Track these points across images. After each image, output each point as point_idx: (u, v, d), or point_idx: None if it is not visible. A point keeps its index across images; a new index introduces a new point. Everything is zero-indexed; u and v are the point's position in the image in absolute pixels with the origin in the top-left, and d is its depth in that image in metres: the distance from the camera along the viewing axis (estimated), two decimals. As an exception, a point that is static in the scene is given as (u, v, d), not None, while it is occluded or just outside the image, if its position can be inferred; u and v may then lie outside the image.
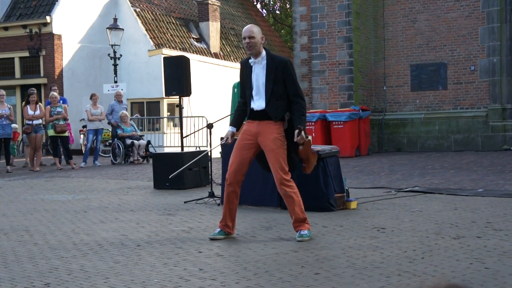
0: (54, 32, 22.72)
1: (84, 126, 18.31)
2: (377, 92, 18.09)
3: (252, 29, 5.74)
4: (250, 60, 5.80)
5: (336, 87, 17.54)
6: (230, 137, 5.87)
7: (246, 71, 5.82)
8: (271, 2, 41.00)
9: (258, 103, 5.71)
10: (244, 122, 5.95)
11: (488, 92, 16.47)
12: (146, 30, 23.87)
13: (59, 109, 15.11)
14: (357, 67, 17.43)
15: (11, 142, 15.51)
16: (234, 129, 5.87)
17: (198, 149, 13.84)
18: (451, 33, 17.05)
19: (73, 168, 14.91)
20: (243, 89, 5.87)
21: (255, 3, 37.35)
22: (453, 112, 16.96)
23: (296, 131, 5.52)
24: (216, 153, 13.50)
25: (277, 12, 41.28)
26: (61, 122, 15.03)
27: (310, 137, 8.69)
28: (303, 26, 18.82)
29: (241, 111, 5.89)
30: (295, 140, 5.55)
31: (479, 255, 4.86)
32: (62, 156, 15.83)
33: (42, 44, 22.90)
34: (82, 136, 20.07)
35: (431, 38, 17.32)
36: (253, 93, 5.73)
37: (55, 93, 15.54)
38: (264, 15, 37.77)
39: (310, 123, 16.06)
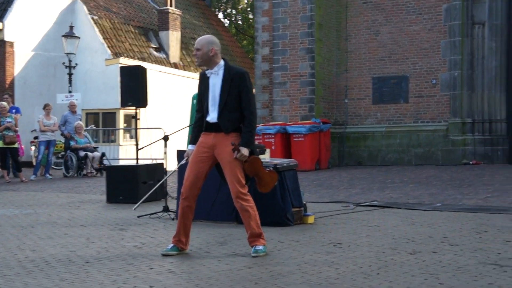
0: (6, 39, 22.38)
1: (36, 137, 18.04)
2: (339, 105, 18.28)
3: (200, 41, 5.77)
4: (207, 71, 5.82)
5: (297, 99, 17.65)
6: (190, 156, 5.84)
7: (204, 83, 5.83)
8: (233, 12, 41.16)
9: (212, 115, 5.72)
10: None
11: (448, 106, 16.79)
12: (104, 38, 23.70)
13: (8, 119, 14.84)
14: (319, 79, 17.59)
15: None
16: (194, 147, 5.85)
17: (153, 161, 13.75)
18: (413, 46, 17.35)
19: (22, 181, 14.66)
20: (200, 102, 5.87)
21: (216, 13, 37.45)
22: (414, 125, 17.23)
23: (232, 148, 5.55)
24: (173, 166, 13.44)
25: (239, 22, 41.45)
26: (11, 133, 14.76)
27: (268, 150, 8.75)
28: (265, 37, 18.93)
29: (198, 127, 5.87)
30: (234, 157, 5.57)
31: (434, 270, 4.93)
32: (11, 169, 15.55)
33: (-7, 51, 22.54)
34: (33, 147, 19.77)
35: (394, 51, 17.60)
36: (209, 104, 5.73)
37: (4, 103, 15.28)
38: (226, 25, 37.88)
39: (270, 136, 16.15)
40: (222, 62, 5.77)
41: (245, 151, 5.61)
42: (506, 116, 16.58)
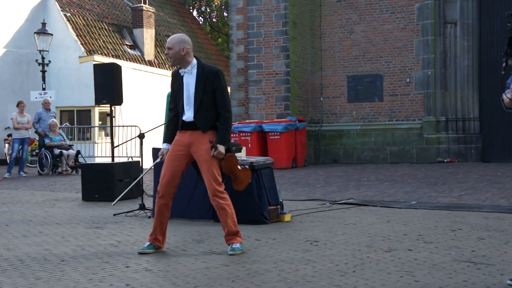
0: (-23, 35, 22.08)
1: (10, 135, 17.81)
2: (314, 103, 18.34)
3: (171, 40, 5.76)
4: (180, 70, 5.80)
5: (272, 97, 17.67)
6: (165, 154, 5.83)
7: (177, 82, 5.82)
8: (208, 10, 41.06)
9: (188, 113, 5.71)
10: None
11: (422, 105, 16.94)
12: (77, 35, 23.49)
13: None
14: (293, 77, 17.63)
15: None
16: (169, 146, 5.84)
17: (130, 159, 13.66)
18: (387, 45, 17.47)
19: None
20: (173, 101, 5.85)
21: (191, 11, 37.33)
22: (389, 124, 17.36)
23: (209, 146, 5.56)
24: (149, 164, 13.37)
25: (214, 20, 41.37)
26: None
27: (244, 148, 8.75)
28: (240, 35, 18.92)
29: (172, 126, 5.86)
30: (211, 155, 5.58)
31: (410, 268, 4.98)
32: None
33: (-36, 48, 22.21)
34: (7, 145, 19.53)
35: (368, 49, 17.70)
36: (184, 103, 5.72)
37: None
38: (201, 23, 37.77)
39: (246, 134, 16.15)
40: (195, 61, 5.76)
41: (221, 148, 5.62)
42: (478, 114, 16.77)
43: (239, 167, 5.91)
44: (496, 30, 16.22)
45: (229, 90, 19.66)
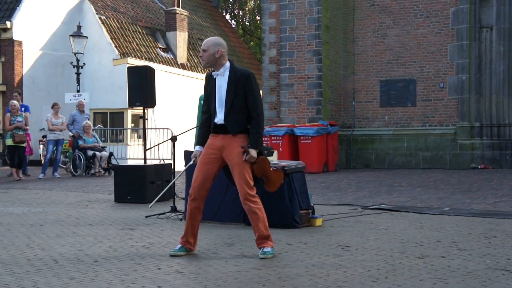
0: (14, 38, 22.47)
1: (44, 136, 18.08)
2: (346, 107, 18.26)
3: (207, 42, 5.78)
4: (213, 73, 5.83)
5: (304, 101, 17.65)
6: (198, 157, 5.85)
7: (210, 84, 5.85)
8: (241, 14, 41.18)
9: (219, 116, 5.73)
10: None
11: (456, 110, 16.75)
12: (111, 38, 23.76)
13: (19, 118, 14.89)
14: (326, 81, 17.58)
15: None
16: (201, 148, 5.86)
17: (162, 162, 13.76)
18: (421, 49, 17.33)
19: (18, 179, 14.68)
20: (207, 104, 5.87)
21: (224, 14, 37.48)
22: (422, 129, 17.20)
23: (242, 151, 5.56)
24: (181, 166, 13.47)
25: (247, 23, 41.46)
26: (21, 132, 14.81)
27: (275, 152, 8.75)
28: (272, 39, 18.92)
29: (205, 128, 5.88)
30: (243, 159, 5.58)
31: (443, 275, 4.91)
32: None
33: (2, 50, 22.62)
34: (41, 146, 19.82)
35: (401, 54, 17.57)
36: (216, 105, 5.74)
37: (15, 101, 15.33)
38: (233, 26, 37.89)
39: (278, 138, 16.15)
40: (228, 64, 5.77)
41: (253, 152, 5.62)
42: (514, 120, 16.55)
43: (271, 168, 5.91)
44: (533, 35, 16.01)
45: (261, 94, 19.70)
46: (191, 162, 6.11)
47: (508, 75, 16.53)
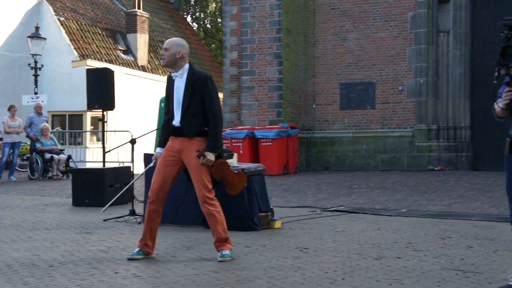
0: (-30, 39, 22.02)
1: (0, 139, 17.75)
2: (306, 110, 18.36)
3: (170, 41, 5.79)
4: (173, 74, 5.82)
5: (265, 104, 17.69)
6: (158, 159, 5.83)
7: (170, 86, 5.84)
8: (202, 16, 41.09)
9: (177, 118, 5.72)
10: None
11: (414, 113, 16.99)
12: (70, 40, 23.45)
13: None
14: (286, 84, 17.66)
15: None
16: (162, 150, 5.84)
17: (121, 165, 13.65)
18: (380, 53, 17.53)
19: None
20: (168, 105, 5.86)
21: (185, 16, 37.35)
22: (381, 131, 17.40)
23: (197, 154, 5.56)
24: (140, 169, 13.37)
25: (208, 26, 41.40)
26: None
27: (235, 155, 8.76)
28: (233, 41, 18.94)
29: (166, 130, 5.87)
30: (200, 163, 5.58)
31: (399, 276, 4.98)
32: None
33: (-43, 51, 22.13)
34: (-2, 149, 19.44)
35: (361, 57, 17.75)
36: (174, 107, 5.74)
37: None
38: (195, 29, 37.79)
39: (238, 140, 16.16)
40: (187, 66, 5.77)
41: (210, 156, 5.61)
42: (470, 123, 16.84)
43: (232, 171, 5.92)
44: (488, 39, 16.29)
45: (221, 96, 19.66)
46: (151, 164, 6.08)
47: (464, 78, 16.83)
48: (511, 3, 16.37)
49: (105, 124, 11.31)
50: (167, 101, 5.86)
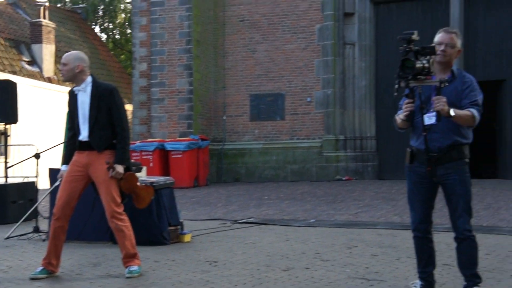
0: None
1: None
2: (217, 122, 18.39)
3: (67, 56, 5.70)
4: (75, 88, 5.70)
5: (175, 116, 17.60)
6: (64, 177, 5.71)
7: (73, 100, 5.72)
8: (111, 26, 40.49)
9: (84, 133, 5.61)
10: None
11: (323, 123, 17.33)
12: (-29, 50, 22.54)
13: None
14: (196, 96, 17.64)
15: None
16: (67, 167, 5.71)
17: (25, 180, 13.18)
18: (289, 64, 17.80)
19: None
20: (72, 120, 5.75)
21: (93, 27, 36.69)
22: (290, 142, 17.65)
23: (107, 167, 5.49)
24: (45, 184, 12.98)
25: (117, 36, 40.82)
26: None
27: (144, 168, 8.66)
28: (143, 52, 18.74)
29: (71, 146, 5.75)
30: (109, 176, 5.52)
31: (306, 286, 5.06)
32: None
33: None
34: None
35: (270, 68, 17.97)
36: (80, 122, 5.63)
37: None
38: (103, 39, 37.17)
39: (148, 153, 15.98)
40: (89, 79, 5.68)
41: (120, 168, 5.55)
42: (375, 133, 17.35)
43: (139, 184, 5.86)
44: (391, 52, 16.83)
45: (131, 108, 19.42)
46: (58, 183, 5.93)
47: (369, 89, 17.33)
48: (411, 16, 17.09)
49: (8, 138, 10.92)
50: (71, 116, 5.75)
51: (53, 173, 7.77)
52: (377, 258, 6.25)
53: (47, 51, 25.50)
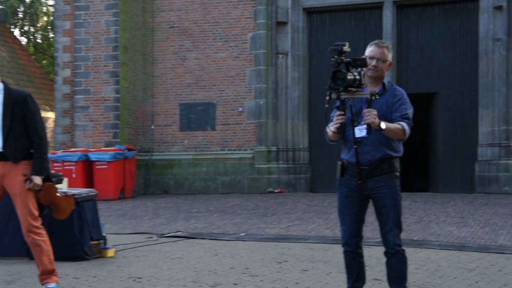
0: None
1: None
2: (145, 131, 18.21)
3: None
4: (-13, 96, 5.52)
5: (100, 125, 17.33)
6: None
7: (-16, 109, 5.53)
8: (32, 30, 39.56)
9: (-3, 143, 5.43)
10: None
11: (254, 134, 17.40)
12: None
13: None
14: (123, 104, 17.42)
15: None
16: None
17: None
18: (220, 73, 17.81)
19: None
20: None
21: (12, 30, 35.76)
22: (221, 153, 17.64)
23: (24, 179, 5.35)
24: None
25: (38, 41, 39.92)
26: None
27: (65, 179, 8.48)
28: (66, 58, 18.39)
29: None
30: (26, 188, 5.37)
31: (234, 302, 5.04)
32: None
33: None
34: None
35: (201, 77, 17.94)
36: (-8, 131, 5.45)
37: None
38: (24, 43, 36.27)
39: (71, 163, 15.69)
40: (1, 86, 5.51)
41: (37, 179, 5.40)
42: (308, 144, 17.53)
43: (59, 194, 5.73)
44: (324, 62, 17.09)
45: (53, 116, 19.01)
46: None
47: (303, 100, 17.50)
48: (344, 26, 17.40)
49: None
50: (-17, 125, 5.54)
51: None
52: (307, 273, 6.29)
53: (-38, 54, 24.70)
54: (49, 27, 38.00)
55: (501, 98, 15.82)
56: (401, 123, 4.54)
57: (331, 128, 4.63)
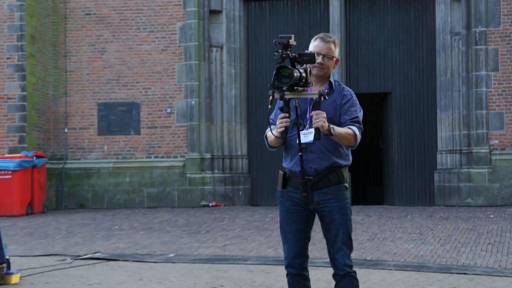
0: None
1: None
2: (57, 135, 17.96)
3: None
4: None
5: (4, 127, 17.02)
6: None
7: None
8: None
9: None
10: None
11: (185, 139, 17.36)
12: None
13: None
14: (31, 103, 17.15)
15: None
16: None
17: None
18: (145, 68, 17.71)
19: None
20: None
21: None
22: (147, 161, 17.53)
23: None
24: None
25: None
26: None
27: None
28: (-38, 49, 17.99)
29: None
30: None
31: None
32: None
33: None
34: None
35: (122, 72, 17.79)
36: None
37: None
38: None
39: (-32, 173, 15.37)
40: None
41: None
42: (247, 151, 17.58)
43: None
44: (264, 57, 17.22)
45: None
46: None
47: (240, 100, 17.54)
48: (287, 17, 17.51)
49: None
50: None
51: None
52: (246, 299, 6.32)
53: None
54: None
55: (461, 99, 16.20)
56: (352, 127, 4.57)
57: (273, 132, 4.58)
